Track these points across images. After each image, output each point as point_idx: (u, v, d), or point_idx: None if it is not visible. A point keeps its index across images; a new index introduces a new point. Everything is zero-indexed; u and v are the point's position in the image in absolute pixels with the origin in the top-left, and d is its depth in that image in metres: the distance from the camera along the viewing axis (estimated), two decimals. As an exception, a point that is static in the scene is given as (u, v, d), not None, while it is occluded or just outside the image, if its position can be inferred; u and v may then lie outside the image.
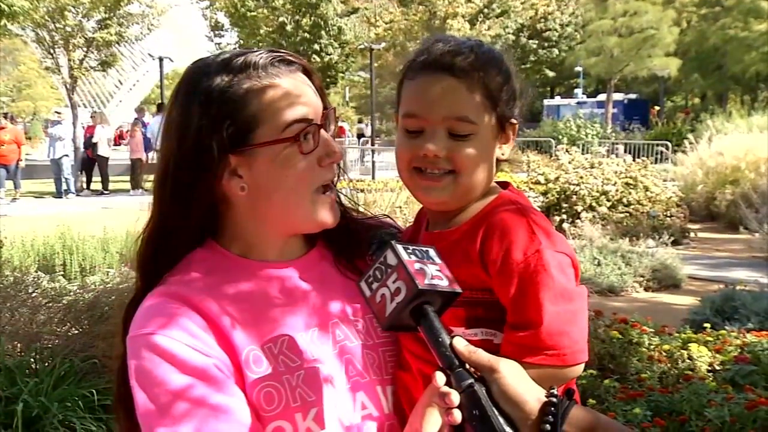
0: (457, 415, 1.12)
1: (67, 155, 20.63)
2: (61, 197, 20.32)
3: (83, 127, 23.42)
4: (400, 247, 1.22)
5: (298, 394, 1.35)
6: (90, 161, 21.98)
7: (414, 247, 1.25)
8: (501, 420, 1.11)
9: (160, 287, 1.38)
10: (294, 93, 1.38)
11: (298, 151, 1.36)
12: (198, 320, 1.33)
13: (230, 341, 1.34)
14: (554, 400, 1.13)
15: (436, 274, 1.21)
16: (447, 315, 1.35)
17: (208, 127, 1.33)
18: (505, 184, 1.50)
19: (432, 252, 1.26)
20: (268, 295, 1.42)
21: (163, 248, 1.42)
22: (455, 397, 1.12)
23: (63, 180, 20.63)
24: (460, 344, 1.17)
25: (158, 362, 1.28)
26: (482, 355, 1.17)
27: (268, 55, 1.39)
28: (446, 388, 1.13)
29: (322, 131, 1.41)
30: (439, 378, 1.15)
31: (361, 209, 1.65)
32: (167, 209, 1.40)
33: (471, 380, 1.13)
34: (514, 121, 1.46)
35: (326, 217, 1.43)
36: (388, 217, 1.72)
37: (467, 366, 1.16)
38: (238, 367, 1.33)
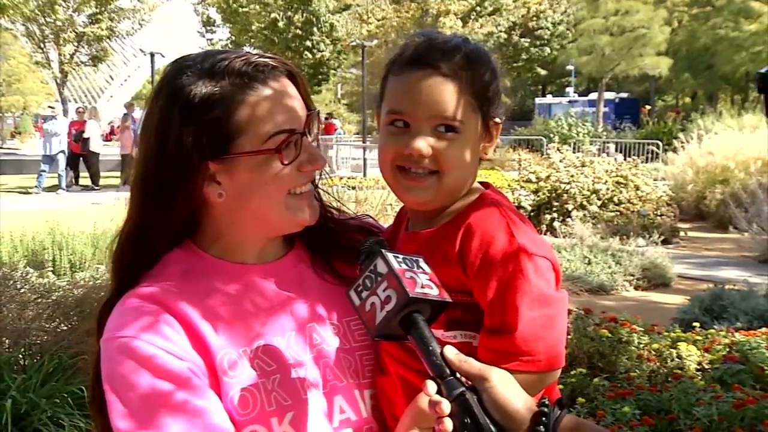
0: (448, 424, 1.11)
1: (63, 151, 20.53)
2: (38, 190, 20.10)
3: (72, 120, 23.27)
4: (390, 256, 1.21)
5: (273, 398, 1.33)
6: (75, 156, 21.79)
7: (404, 256, 1.23)
8: (493, 429, 1.10)
9: (135, 288, 1.36)
10: (277, 102, 1.35)
11: (278, 161, 1.34)
12: (173, 323, 1.31)
13: (205, 344, 1.32)
14: (545, 410, 1.12)
15: (426, 283, 1.19)
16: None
17: (188, 134, 1.31)
18: (486, 185, 1.48)
19: (422, 261, 1.24)
20: (245, 298, 1.40)
21: (139, 250, 1.39)
22: (446, 405, 1.11)
23: (57, 175, 20.50)
24: (451, 353, 1.16)
25: (131, 366, 1.27)
26: (473, 364, 1.16)
27: (252, 60, 1.36)
28: (437, 397, 1.12)
29: (305, 138, 1.39)
30: (430, 387, 1.14)
31: (343, 209, 1.63)
32: (146, 212, 1.38)
33: (462, 389, 1.12)
34: (498, 120, 1.45)
35: (304, 216, 1.42)
36: (370, 217, 1.71)
37: (458, 375, 1.15)
38: (212, 370, 1.31)
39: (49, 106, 22.80)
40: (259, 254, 1.45)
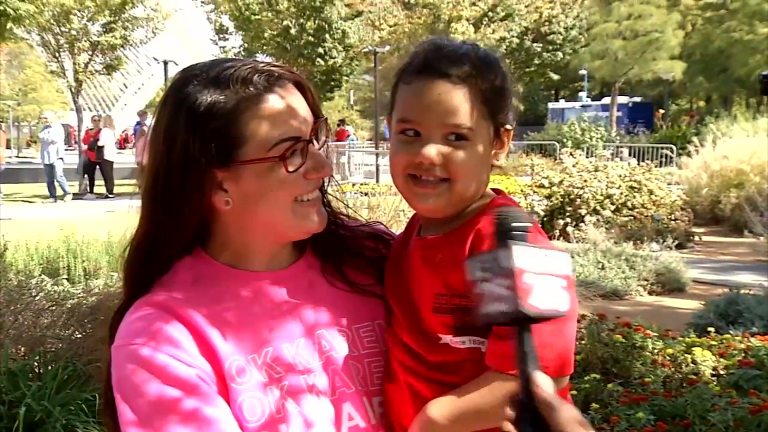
0: None
1: (61, 158, 20.66)
2: (54, 200, 20.28)
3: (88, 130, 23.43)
4: (521, 251, 1.05)
5: (282, 405, 1.34)
6: (91, 164, 21.95)
7: (540, 249, 1.07)
8: None
9: (146, 296, 1.38)
10: (282, 110, 1.36)
11: (284, 168, 1.35)
12: (182, 330, 1.32)
13: (214, 351, 1.33)
14: None
15: (551, 291, 1.06)
16: (435, 322, 1.33)
17: (194, 142, 1.32)
18: (497, 191, 1.48)
19: (562, 260, 1.09)
20: (254, 305, 1.41)
21: (150, 257, 1.41)
22: None
23: (56, 183, 20.64)
24: (538, 379, 1.06)
25: (141, 373, 1.28)
26: (559, 409, 1.05)
27: (258, 68, 1.37)
28: (509, 426, 1.06)
29: (311, 146, 1.39)
30: (508, 412, 1.07)
31: (354, 215, 1.63)
32: (156, 219, 1.40)
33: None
34: (509, 126, 1.44)
35: (311, 223, 1.42)
36: (381, 224, 1.71)
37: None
38: (221, 377, 1.32)
39: (41, 116, 23.02)
40: (268, 262, 1.46)
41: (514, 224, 1.09)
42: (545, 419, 1.04)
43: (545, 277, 1.06)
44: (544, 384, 1.06)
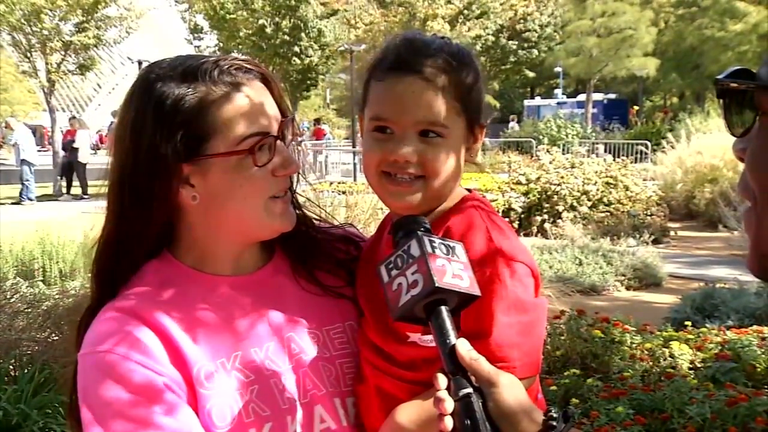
0: (448, 423, 1.07)
1: (25, 160, 20.51)
2: (23, 201, 20.14)
3: (62, 132, 23.24)
4: (426, 239, 1.16)
5: (251, 409, 1.32)
6: (70, 165, 21.77)
7: (441, 242, 1.18)
8: None
9: (114, 301, 1.35)
10: (250, 104, 1.34)
11: (252, 163, 1.33)
12: (150, 336, 1.30)
13: (182, 357, 1.31)
14: (554, 423, 1.07)
15: (457, 273, 1.14)
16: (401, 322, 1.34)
17: (162, 136, 1.30)
18: (468, 190, 1.47)
19: (459, 248, 1.19)
20: (222, 310, 1.39)
21: (119, 257, 1.38)
22: (449, 404, 1.07)
23: (24, 185, 20.47)
24: (463, 349, 1.11)
25: (107, 381, 1.26)
26: (482, 365, 1.11)
27: (224, 62, 1.36)
28: (443, 394, 1.09)
29: (279, 142, 1.38)
30: (441, 381, 1.10)
31: (324, 217, 1.62)
32: (123, 217, 1.37)
33: (469, 390, 1.08)
34: (482, 123, 1.43)
35: (281, 222, 1.41)
36: (353, 226, 1.70)
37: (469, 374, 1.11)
38: (189, 383, 1.30)
39: (5, 121, 23.11)
40: (234, 265, 1.44)
41: (415, 220, 1.22)
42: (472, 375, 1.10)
43: (450, 261, 1.15)
44: (465, 347, 1.12)
